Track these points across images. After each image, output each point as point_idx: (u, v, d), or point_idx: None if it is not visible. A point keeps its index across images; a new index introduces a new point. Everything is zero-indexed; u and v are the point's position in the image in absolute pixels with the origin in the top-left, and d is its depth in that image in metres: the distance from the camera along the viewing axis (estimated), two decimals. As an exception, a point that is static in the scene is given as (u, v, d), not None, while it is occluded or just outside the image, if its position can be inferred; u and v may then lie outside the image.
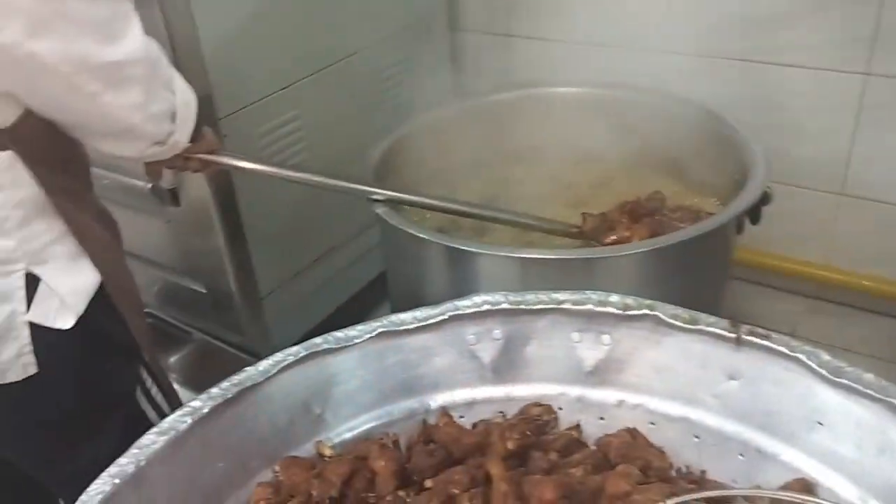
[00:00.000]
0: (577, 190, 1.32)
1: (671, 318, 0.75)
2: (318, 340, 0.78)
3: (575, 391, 0.80)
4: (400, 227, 1.07)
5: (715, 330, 0.73)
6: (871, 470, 0.66)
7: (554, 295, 0.78)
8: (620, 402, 0.79)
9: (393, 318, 0.80)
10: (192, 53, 1.17)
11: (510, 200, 1.30)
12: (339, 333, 0.79)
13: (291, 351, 0.76)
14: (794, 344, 0.70)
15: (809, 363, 0.69)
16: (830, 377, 0.67)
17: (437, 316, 0.79)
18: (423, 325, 0.79)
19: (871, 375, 0.66)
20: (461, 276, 1.06)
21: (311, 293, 1.53)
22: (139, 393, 1.00)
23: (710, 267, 1.10)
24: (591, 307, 0.77)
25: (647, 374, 0.78)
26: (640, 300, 0.76)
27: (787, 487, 0.69)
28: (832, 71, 1.38)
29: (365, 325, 0.79)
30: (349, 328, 0.79)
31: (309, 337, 0.78)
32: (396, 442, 0.78)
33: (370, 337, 0.79)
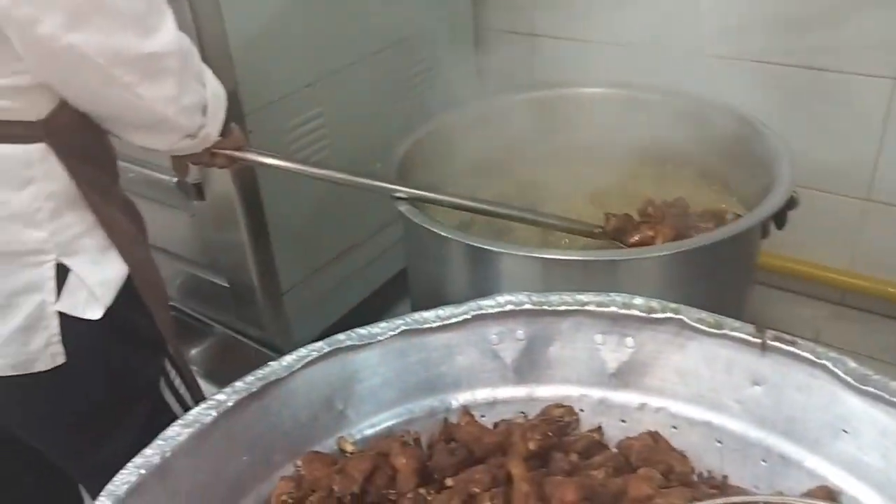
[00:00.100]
0: (600, 191, 1.31)
1: (696, 321, 0.74)
2: (341, 337, 0.78)
3: (597, 393, 0.80)
4: (422, 224, 1.07)
5: (740, 335, 0.73)
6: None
7: (578, 296, 0.78)
8: (643, 405, 0.79)
9: (416, 316, 0.80)
10: (219, 49, 1.18)
11: (533, 200, 1.30)
12: (362, 330, 0.79)
13: (315, 346, 0.77)
14: (819, 350, 0.70)
15: (835, 370, 0.68)
16: (856, 385, 0.67)
17: (460, 315, 0.80)
18: (445, 323, 0.80)
19: (897, 383, 0.65)
20: (483, 275, 1.06)
21: (331, 289, 1.54)
22: (163, 385, 1.01)
23: (734, 271, 1.10)
24: (615, 309, 0.77)
25: (670, 377, 0.78)
26: (664, 303, 0.76)
27: (810, 494, 0.69)
28: (860, 75, 1.37)
29: (388, 322, 0.80)
30: (372, 325, 0.80)
31: (329, 332, 0.78)
32: (418, 440, 0.78)
33: (393, 334, 0.79)
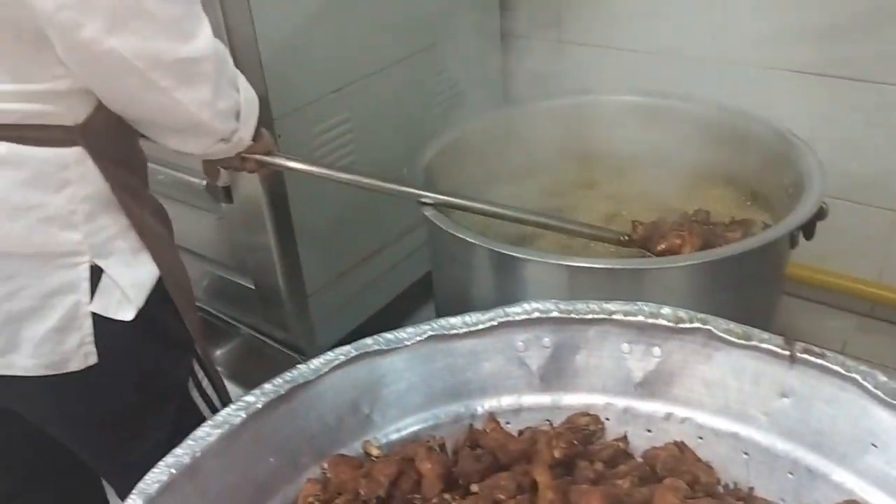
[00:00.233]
0: (625, 199, 1.31)
1: (724, 332, 0.74)
2: (368, 341, 0.79)
3: (623, 402, 0.80)
4: (448, 230, 1.07)
5: (768, 346, 0.73)
6: (926, 495, 0.65)
7: (605, 305, 0.78)
8: (668, 415, 0.79)
9: (442, 321, 0.81)
10: (250, 55, 1.20)
11: (558, 207, 1.30)
12: (389, 335, 0.80)
13: (342, 350, 0.77)
14: (849, 364, 0.69)
15: (865, 384, 0.68)
16: (886, 399, 0.66)
17: (486, 321, 0.80)
18: (472, 329, 0.80)
19: (929, 399, 0.65)
20: (508, 281, 1.06)
21: (355, 293, 1.55)
22: (191, 385, 1.02)
23: (762, 281, 1.09)
24: (642, 319, 0.77)
25: (696, 388, 0.77)
26: (692, 313, 0.76)
27: (838, 509, 0.68)
28: (891, 85, 1.36)
29: (415, 327, 0.80)
30: (399, 330, 0.80)
31: (352, 336, 0.79)
32: (443, 445, 0.79)
33: (420, 339, 0.80)
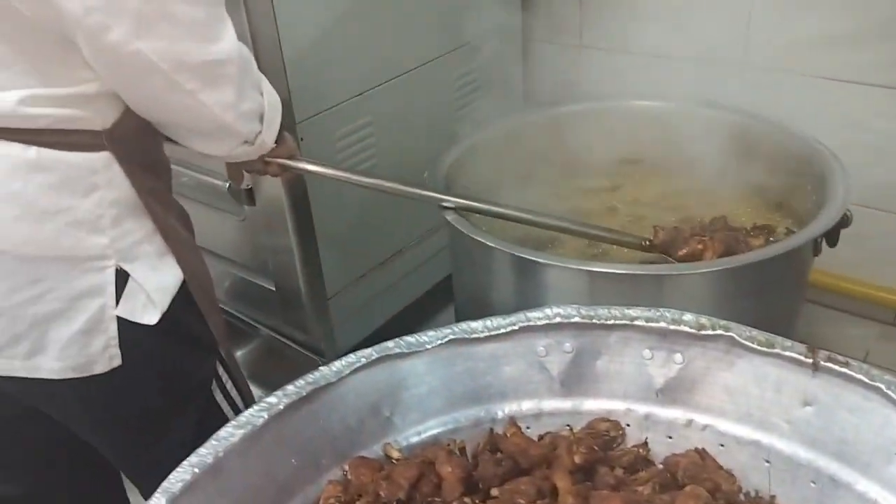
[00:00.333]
0: (647, 205, 1.31)
1: (746, 339, 0.74)
2: (389, 344, 0.79)
3: (643, 409, 0.80)
4: (469, 234, 1.07)
5: (791, 354, 0.72)
6: (951, 507, 0.65)
7: (627, 311, 0.78)
8: (689, 421, 0.79)
9: (464, 325, 0.81)
10: (273, 58, 1.21)
11: (579, 212, 1.30)
12: (410, 338, 0.80)
13: (364, 353, 0.78)
14: (874, 373, 0.69)
15: (889, 393, 0.67)
16: (912, 409, 0.66)
17: (507, 326, 0.80)
18: (493, 334, 0.80)
19: (954, 409, 0.64)
20: (528, 285, 1.06)
21: (375, 295, 1.55)
22: (215, 387, 1.03)
23: (784, 289, 1.08)
24: (664, 325, 0.77)
25: (718, 395, 0.77)
26: (714, 320, 0.76)
27: (861, 518, 0.68)
28: (916, 91, 1.35)
29: (436, 331, 0.81)
30: (420, 333, 0.81)
31: (372, 338, 0.79)
32: (463, 449, 0.79)
33: (441, 343, 0.80)
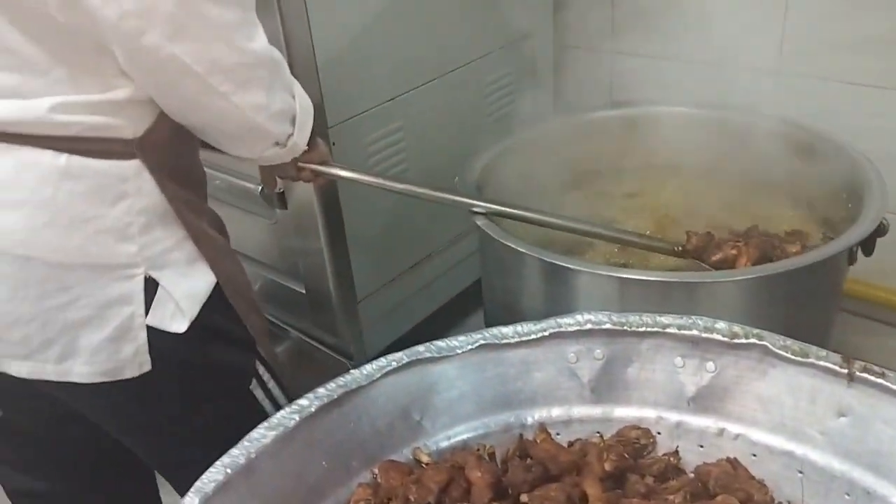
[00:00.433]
0: (676, 211, 1.30)
1: (780, 349, 0.73)
2: (420, 348, 0.80)
3: (674, 417, 0.80)
4: (499, 239, 1.07)
5: (826, 364, 0.71)
6: None
7: (659, 318, 0.77)
8: (721, 430, 0.78)
9: (494, 330, 0.81)
10: (307, 63, 1.22)
11: (610, 218, 1.29)
12: (441, 343, 0.80)
13: (395, 357, 0.78)
14: (911, 384, 0.68)
15: (927, 405, 0.66)
16: (951, 421, 0.65)
17: (538, 332, 0.80)
18: (524, 339, 0.80)
19: None
20: (559, 291, 1.06)
21: (405, 299, 1.56)
22: (255, 386, 1.03)
23: (818, 298, 1.07)
24: (696, 333, 0.76)
25: (751, 404, 0.76)
26: (747, 328, 0.75)
27: (897, 533, 0.67)
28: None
29: (466, 335, 0.81)
30: (451, 338, 0.81)
31: (400, 342, 0.80)
32: (493, 454, 0.79)
33: (471, 348, 0.80)
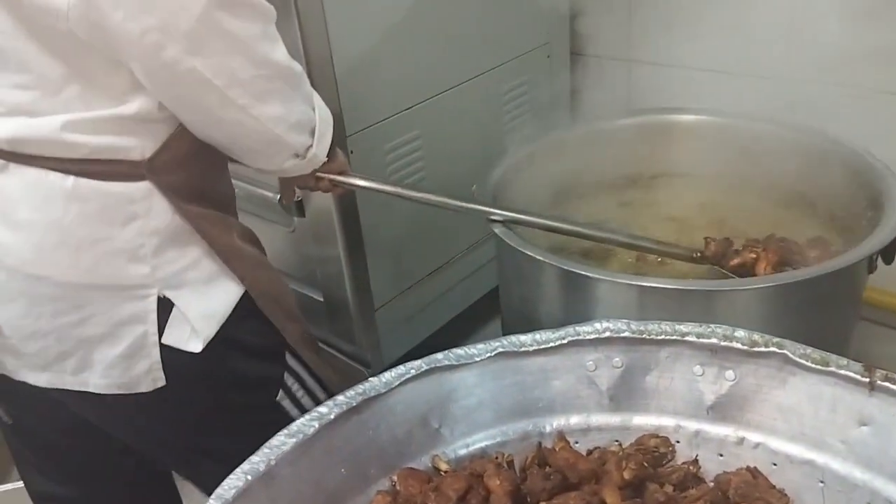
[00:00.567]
0: (694, 218, 1.29)
1: (800, 357, 0.73)
2: (439, 356, 0.80)
3: (693, 425, 0.79)
4: (517, 247, 1.07)
5: (847, 373, 0.71)
6: None
7: (678, 326, 0.77)
8: (741, 439, 0.78)
9: (513, 338, 0.81)
10: (325, 74, 1.23)
11: (628, 226, 1.29)
12: (459, 350, 0.81)
13: (413, 364, 0.79)
14: (934, 394, 0.67)
15: (951, 415, 0.66)
16: (974, 431, 0.64)
17: (556, 340, 0.80)
18: (542, 347, 0.81)
19: None
20: (577, 299, 1.06)
21: (422, 307, 1.56)
22: (282, 395, 1.03)
23: (838, 306, 1.06)
24: (715, 341, 0.76)
25: (770, 413, 0.76)
26: (767, 337, 0.75)
27: (920, 543, 0.66)
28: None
29: (485, 343, 0.81)
30: (470, 346, 0.81)
31: (418, 350, 0.80)
32: (511, 462, 0.79)
33: (490, 356, 0.80)
